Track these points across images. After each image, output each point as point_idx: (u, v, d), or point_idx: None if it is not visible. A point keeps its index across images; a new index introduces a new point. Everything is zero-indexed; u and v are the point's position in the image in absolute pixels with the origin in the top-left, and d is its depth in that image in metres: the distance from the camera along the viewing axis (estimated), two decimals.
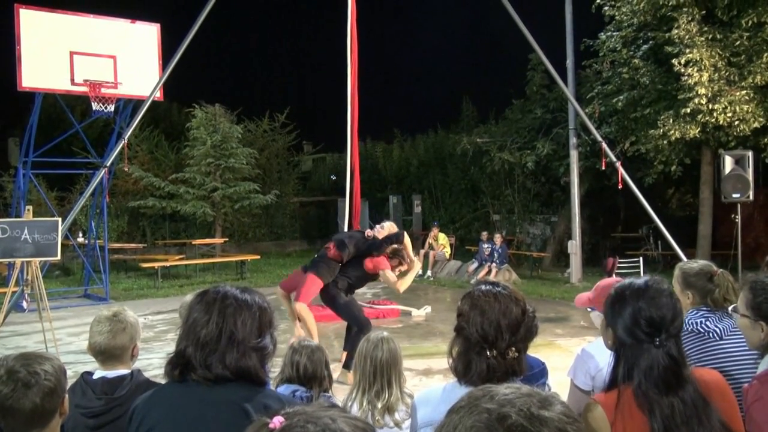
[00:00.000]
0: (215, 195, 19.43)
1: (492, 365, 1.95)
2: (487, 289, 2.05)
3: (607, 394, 1.97)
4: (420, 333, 9.88)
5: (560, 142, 16.72)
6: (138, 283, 15.83)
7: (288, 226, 25.96)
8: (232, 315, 1.90)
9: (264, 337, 1.94)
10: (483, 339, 1.96)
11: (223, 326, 1.89)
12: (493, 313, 1.97)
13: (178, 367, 1.92)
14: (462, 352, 2.02)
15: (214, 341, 1.88)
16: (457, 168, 22.58)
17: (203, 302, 1.95)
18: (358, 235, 7.64)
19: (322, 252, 7.59)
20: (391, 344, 3.42)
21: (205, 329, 1.89)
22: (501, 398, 1.02)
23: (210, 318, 1.90)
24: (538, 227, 20.03)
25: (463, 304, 2.06)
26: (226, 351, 1.88)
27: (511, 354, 1.95)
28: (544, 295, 13.29)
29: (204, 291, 2.00)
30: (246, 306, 1.94)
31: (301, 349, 3.40)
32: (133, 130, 11.98)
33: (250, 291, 2.01)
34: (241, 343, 1.89)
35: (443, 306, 12.37)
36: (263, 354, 1.94)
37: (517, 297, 2.03)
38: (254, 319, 1.93)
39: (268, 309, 2.00)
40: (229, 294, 1.95)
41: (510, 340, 1.96)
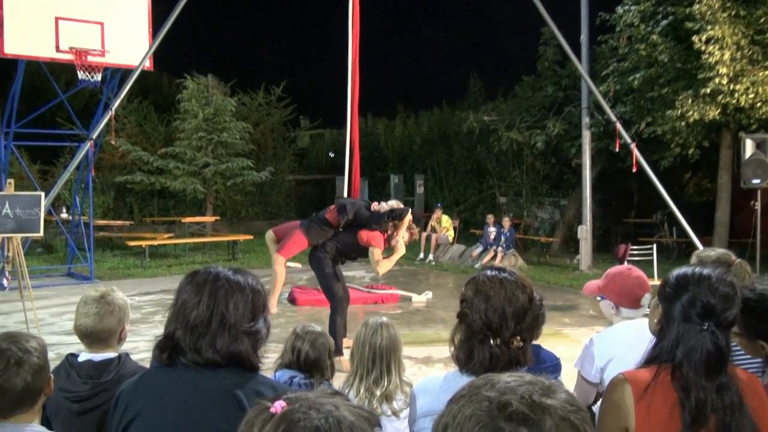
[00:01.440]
0: (206, 171, 19.41)
1: (495, 354, 1.96)
2: (492, 274, 2.06)
3: (641, 369, 2.00)
4: (420, 320, 9.92)
5: (572, 121, 16.67)
6: (124, 262, 15.87)
7: (283, 205, 25.95)
8: (224, 297, 1.92)
9: (257, 320, 1.95)
10: (487, 327, 1.97)
11: (214, 309, 1.90)
12: (498, 299, 1.98)
13: (167, 350, 1.93)
14: (464, 340, 2.03)
15: (204, 324, 1.89)
16: (462, 147, 22.53)
17: (193, 283, 1.96)
18: (362, 204, 7.71)
19: (321, 213, 7.65)
20: (390, 330, 3.45)
21: (195, 311, 1.91)
22: (502, 386, 1.03)
23: (200, 300, 1.91)
24: (547, 211, 20.04)
25: (466, 290, 2.07)
26: (216, 334, 1.89)
27: (515, 343, 1.97)
28: (552, 282, 13.33)
29: (194, 272, 2.01)
30: (238, 288, 1.95)
31: (303, 335, 3.42)
32: (120, 101, 11.95)
33: (242, 272, 2.02)
34: (232, 327, 1.90)
35: (445, 292, 12.40)
36: (256, 338, 1.95)
37: (523, 284, 2.03)
38: (247, 302, 1.94)
39: (262, 291, 2.01)
40: (220, 275, 1.96)
41: (515, 329, 1.97)
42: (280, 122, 25.14)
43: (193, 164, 19.35)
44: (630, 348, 2.60)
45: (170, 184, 19.13)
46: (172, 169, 19.22)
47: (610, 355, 2.88)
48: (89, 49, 12.34)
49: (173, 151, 19.37)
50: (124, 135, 21.13)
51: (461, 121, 20.26)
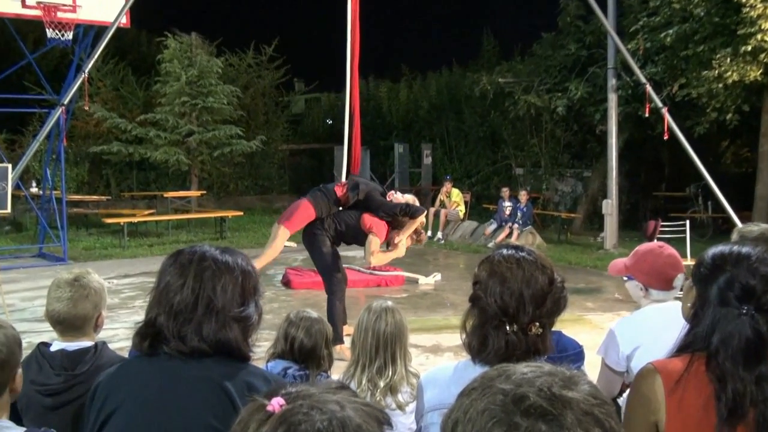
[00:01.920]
0: (191, 140, 19.40)
1: (512, 342, 1.97)
2: (509, 253, 2.06)
3: (673, 359, 2.00)
4: (428, 304, 9.97)
5: (597, 83, 16.58)
6: (101, 241, 15.93)
7: (275, 178, 25.99)
8: (211, 279, 1.92)
9: (247, 305, 1.96)
10: (502, 311, 1.98)
11: (199, 292, 1.91)
12: (516, 281, 1.99)
13: (148, 338, 1.94)
14: (477, 326, 2.04)
15: (189, 309, 1.90)
16: (474, 113, 22.46)
17: (177, 264, 1.96)
18: (377, 187, 7.78)
19: (330, 185, 7.69)
20: (396, 315, 3.46)
21: (179, 295, 1.91)
22: (518, 377, 1.03)
23: (185, 282, 1.92)
24: (568, 184, 20.02)
25: (480, 271, 2.08)
26: (203, 320, 1.90)
27: (534, 330, 1.97)
28: (574, 262, 13.36)
29: (178, 251, 2.01)
30: (227, 269, 1.95)
31: (297, 321, 3.44)
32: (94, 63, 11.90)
33: (231, 252, 2.02)
34: (220, 312, 1.91)
35: (455, 273, 12.43)
36: (246, 325, 1.96)
37: (543, 264, 2.04)
38: (236, 285, 1.94)
39: (253, 273, 2.01)
40: (207, 255, 1.97)
41: (534, 314, 1.97)
42: (272, 85, 25.07)
43: (176, 132, 19.34)
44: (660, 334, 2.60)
45: (150, 154, 19.13)
46: (152, 138, 19.22)
47: (638, 342, 2.89)
48: (59, 4, 12.27)
49: (153, 118, 19.36)
50: (98, 100, 21.10)
51: (473, 83, 20.16)
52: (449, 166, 23.02)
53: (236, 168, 23.59)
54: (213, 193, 23.43)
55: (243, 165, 23.67)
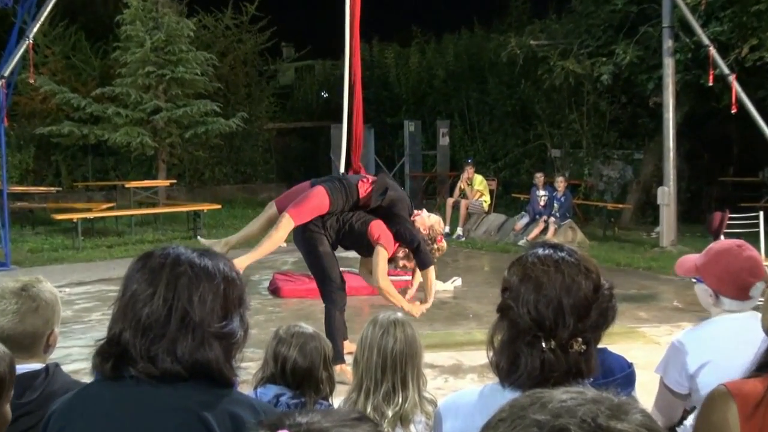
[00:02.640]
0: (157, 118, 19.41)
1: (548, 361, 1.97)
2: (545, 253, 2.06)
3: (749, 380, 2.00)
4: (446, 315, 9.99)
5: (649, 46, 16.52)
6: (50, 241, 15.97)
7: (260, 163, 26.01)
8: (187, 287, 1.92)
9: (230, 319, 1.96)
10: (537, 324, 1.98)
11: (173, 303, 1.90)
12: (553, 288, 1.99)
13: (111, 358, 1.93)
14: (507, 342, 2.04)
15: (160, 323, 1.90)
16: (501, 83, 22.43)
17: (146, 269, 1.96)
18: (405, 199, 7.76)
19: (352, 178, 7.72)
20: (407, 330, 3.47)
21: (148, 306, 1.91)
22: (556, 406, 1.03)
23: (155, 291, 1.91)
24: (616, 168, 19.99)
25: (510, 275, 2.08)
26: (177, 337, 1.89)
27: (575, 346, 1.98)
28: (623, 263, 13.35)
29: (148, 253, 2.01)
30: (206, 275, 1.95)
31: (289, 338, 3.44)
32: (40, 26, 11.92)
33: (211, 255, 2.02)
34: (198, 327, 1.90)
35: (479, 277, 12.45)
36: (229, 343, 1.96)
37: (587, 266, 2.04)
38: (217, 294, 1.94)
39: (237, 280, 2.01)
40: (182, 258, 1.97)
41: (575, 327, 1.98)
42: (255, 52, 25.08)
43: (140, 110, 19.35)
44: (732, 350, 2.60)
45: (109, 136, 19.14)
46: (111, 116, 19.23)
47: (705, 359, 2.89)
48: None
49: (112, 93, 19.37)
50: (46, 71, 21.12)
51: (499, 47, 20.12)
52: (470, 147, 22.99)
53: (212, 152, 23.60)
54: (185, 183, 23.45)
55: (221, 148, 23.68)
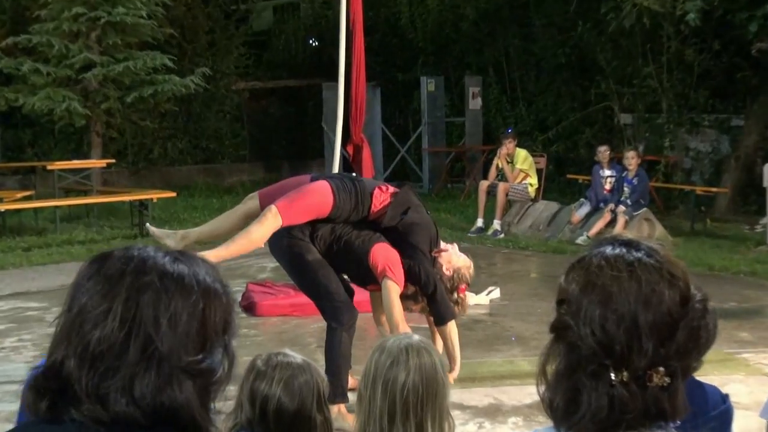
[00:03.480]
0: (89, 77, 19.44)
1: (619, 399, 1.96)
2: (615, 253, 2.06)
3: None
4: (480, 338, 9.99)
5: None
6: None
7: (228, 137, 25.98)
8: (153, 304, 1.88)
9: (210, 350, 1.93)
10: (604, 349, 1.98)
11: (133, 325, 1.87)
12: (627, 300, 1.98)
13: (48, 395, 1.92)
14: (564, 373, 2.04)
15: (115, 352, 1.87)
16: (551, 26, 22.47)
17: (101, 276, 1.93)
18: (430, 226, 7.70)
19: (368, 183, 7.71)
20: (424, 358, 3.43)
21: (100, 328, 1.87)
22: None
23: (111, 307, 1.88)
24: (707, 139, 19.92)
25: (568, 282, 2.08)
26: (136, 372, 1.87)
27: (656, 379, 1.97)
28: (718, 267, 13.31)
29: (104, 254, 1.98)
30: (180, 288, 1.92)
31: (270, 371, 3.44)
32: None
33: (189, 259, 1.99)
34: (165, 360, 1.87)
35: (524, 287, 12.48)
36: (207, 382, 1.94)
37: (672, 271, 2.02)
38: (194, 315, 1.91)
39: (223, 296, 1.98)
40: (149, 263, 1.94)
41: (656, 353, 1.96)
42: None
43: (65, 65, 19.36)
44: None
45: (25, 101, 19.15)
46: (26, 74, 19.24)
47: None
48: None
49: (28, 43, 19.36)
50: None
51: None
52: (511, 112, 22.96)
53: (164, 121, 23.69)
54: (126, 164, 23.45)
55: (175, 116, 23.80)
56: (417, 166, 24.03)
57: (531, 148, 19.08)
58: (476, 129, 23.10)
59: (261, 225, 7.13)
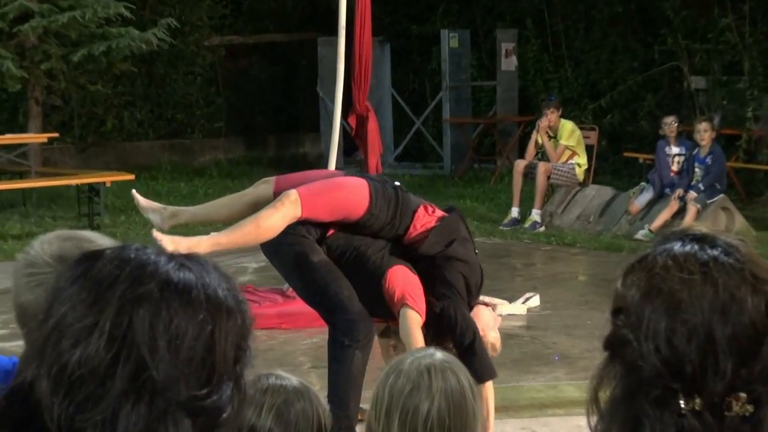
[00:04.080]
0: (26, 30, 19.50)
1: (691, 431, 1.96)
2: (685, 251, 2.05)
3: None
4: (516, 357, 10.02)
5: None
6: None
7: (199, 105, 26.06)
8: (149, 321, 1.86)
9: (218, 383, 1.92)
10: (672, 371, 1.96)
11: (123, 344, 1.85)
12: (700, 309, 1.97)
13: (8, 425, 1.91)
14: (621, 400, 2.03)
15: (99, 377, 1.86)
16: None
17: (88, 281, 1.91)
18: (474, 267, 7.63)
19: (413, 197, 7.69)
20: (450, 381, 3.42)
21: (82, 347, 1.86)
22: None
23: (98, 322, 1.87)
24: None
25: (626, 287, 2.06)
26: (122, 404, 1.86)
27: (737, 407, 1.96)
28: None
29: (93, 254, 1.97)
30: (185, 302, 1.90)
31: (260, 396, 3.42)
32: None
33: (198, 265, 1.97)
34: (160, 392, 1.87)
35: (570, 293, 12.57)
36: (211, 423, 1.93)
37: (756, 272, 2.01)
38: (199, 338, 1.89)
39: (238, 313, 1.97)
40: (149, 268, 1.92)
41: (735, 376, 1.95)
42: None
43: None
44: None
45: None
46: None
47: None
48: None
49: None
50: None
51: None
52: (554, 75, 23.02)
53: (119, 86, 23.83)
54: (73, 138, 23.53)
55: (133, 79, 23.94)
56: (436, 142, 24.08)
57: (579, 119, 19.13)
58: (510, 95, 23.17)
59: (275, 211, 7.08)
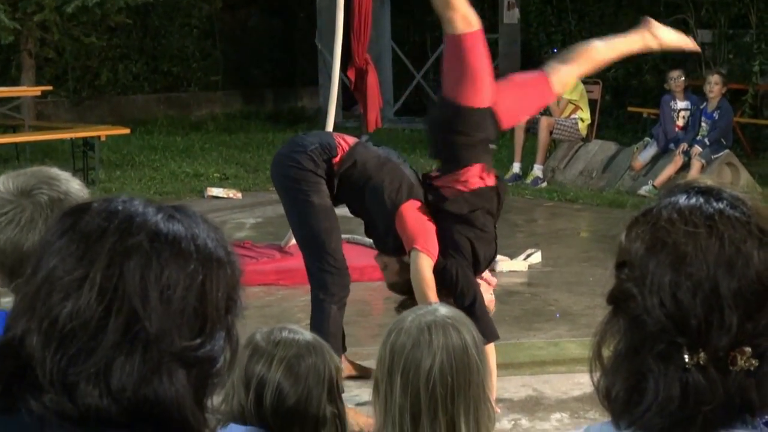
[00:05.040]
0: None
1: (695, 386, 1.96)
2: (691, 204, 2.05)
3: None
4: (517, 314, 10.04)
5: None
6: None
7: (196, 58, 26.02)
8: (140, 272, 1.87)
9: (211, 333, 1.94)
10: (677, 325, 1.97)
11: (115, 296, 1.86)
12: (704, 262, 1.97)
13: (2, 379, 1.90)
14: (626, 356, 2.04)
15: (90, 331, 1.86)
16: None
17: (76, 234, 1.92)
18: (490, 240, 7.71)
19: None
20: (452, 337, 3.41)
21: (72, 300, 1.86)
22: None
23: (87, 275, 1.87)
24: None
25: (630, 241, 2.07)
26: (115, 356, 1.85)
27: (742, 361, 1.96)
28: None
29: (80, 207, 1.98)
30: (175, 253, 1.91)
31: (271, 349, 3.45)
32: None
33: (187, 217, 1.98)
34: (153, 344, 1.87)
35: (572, 250, 12.60)
36: (205, 372, 1.95)
37: (763, 226, 2.02)
38: (191, 289, 1.91)
39: (227, 265, 1.99)
40: (138, 220, 1.93)
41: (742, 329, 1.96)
42: None
43: None
44: None
45: None
46: None
47: None
48: None
49: None
50: None
51: None
52: (557, 28, 22.95)
53: (114, 38, 23.77)
54: (67, 91, 23.48)
55: (128, 31, 23.90)
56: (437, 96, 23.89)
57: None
58: (512, 49, 23.12)
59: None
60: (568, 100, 17.09)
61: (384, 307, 9.53)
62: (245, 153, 18.51)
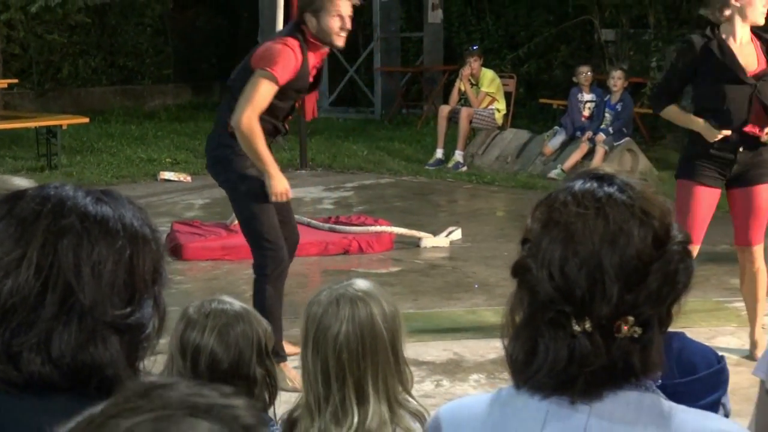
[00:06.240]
0: None
1: (579, 350, 1.98)
2: (585, 188, 2.06)
3: None
4: (438, 285, 10.03)
5: None
6: None
7: (149, 53, 25.76)
8: (73, 250, 1.88)
9: (139, 302, 1.95)
10: (564, 295, 1.99)
11: (51, 272, 1.88)
12: (590, 240, 2.00)
13: None
14: (524, 322, 2.07)
15: (29, 305, 1.87)
16: None
17: (13, 218, 1.92)
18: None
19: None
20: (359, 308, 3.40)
21: (12, 278, 1.87)
22: None
23: (25, 254, 1.88)
24: None
25: (533, 221, 2.09)
26: (53, 327, 1.86)
27: (625, 329, 1.99)
28: None
29: (15, 194, 1.98)
30: (104, 232, 1.92)
31: (202, 319, 3.44)
32: None
33: (114, 199, 1.99)
34: (87, 313, 1.88)
35: (489, 228, 12.52)
36: (135, 338, 1.96)
37: (645, 207, 2.03)
38: (120, 263, 1.92)
39: (152, 241, 2.00)
40: (69, 203, 1.93)
41: (621, 300, 1.98)
42: None
43: None
44: None
45: None
46: None
47: None
48: None
49: None
50: None
51: None
52: (476, 27, 22.84)
53: (74, 35, 23.46)
54: (31, 83, 23.21)
55: (87, 29, 23.58)
56: (368, 89, 23.83)
57: (499, 68, 19.00)
58: (436, 46, 22.97)
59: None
60: (486, 93, 17.12)
61: (320, 279, 9.54)
62: (194, 140, 18.29)
